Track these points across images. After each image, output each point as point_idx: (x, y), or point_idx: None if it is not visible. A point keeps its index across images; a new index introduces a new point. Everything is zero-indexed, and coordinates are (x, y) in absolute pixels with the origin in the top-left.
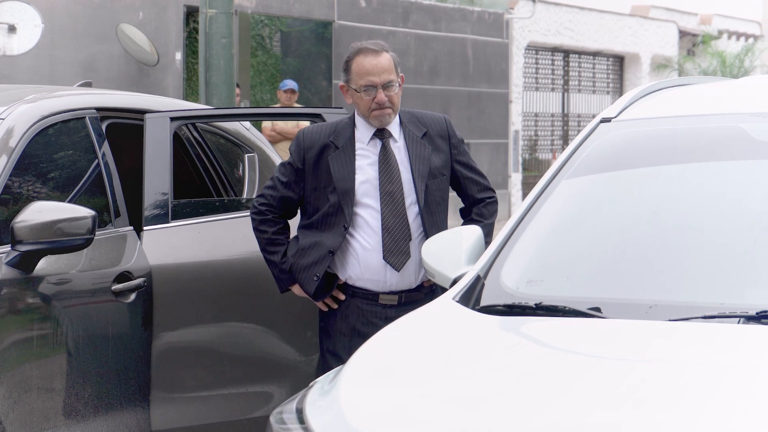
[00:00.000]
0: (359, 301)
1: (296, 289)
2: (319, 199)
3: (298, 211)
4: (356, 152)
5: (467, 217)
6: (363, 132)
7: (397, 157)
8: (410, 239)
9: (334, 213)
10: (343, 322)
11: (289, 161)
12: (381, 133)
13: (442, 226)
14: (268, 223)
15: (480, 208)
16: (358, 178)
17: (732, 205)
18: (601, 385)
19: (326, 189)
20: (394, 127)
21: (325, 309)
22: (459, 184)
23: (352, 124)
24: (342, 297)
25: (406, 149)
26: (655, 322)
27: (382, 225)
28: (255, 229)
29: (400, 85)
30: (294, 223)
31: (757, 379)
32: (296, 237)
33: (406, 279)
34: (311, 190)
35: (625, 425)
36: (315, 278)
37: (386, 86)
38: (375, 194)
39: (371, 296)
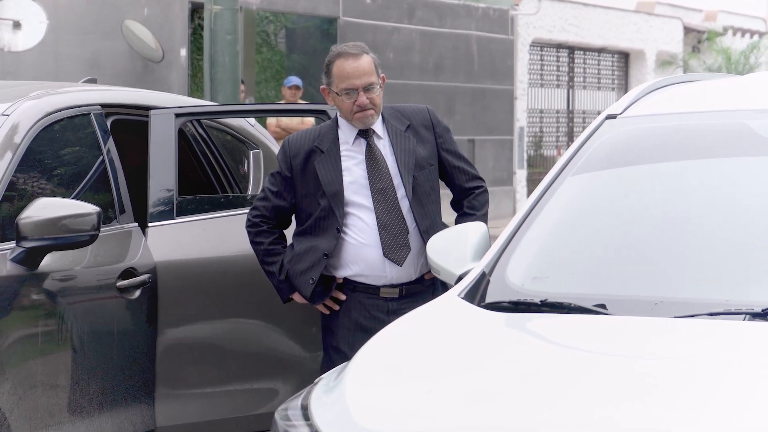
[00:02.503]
0: (361, 295)
1: (297, 297)
2: (311, 205)
3: (293, 219)
4: (342, 154)
5: (459, 211)
6: (347, 133)
7: (383, 153)
8: (407, 232)
9: (325, 216)
10: (346, 317)
11: (277, 170)
12: (365, 132)
13: (434, 216)
14: (264, 234)
15: (471, 201)
16: (346, 179)
17: (737, 201)
18: (607, 382)
19: (316, 194)
20: (378, 125)
21: (326, 312)
22: (447, 174)
23: (336, 126)
24: (342, 297)
25: (391, 144)
26: (660, 319)
27: (378, 223)
28: (251, 242)
29: (381, 85)
30: (289, 232)
31: (762, 376)
32: (291, 245)
33: (405, 272)
34: (302, 197)
35: (632, 422)
36: (311, 282)
37: (367, 89)
38: (365, 193)
39: (372, 290)
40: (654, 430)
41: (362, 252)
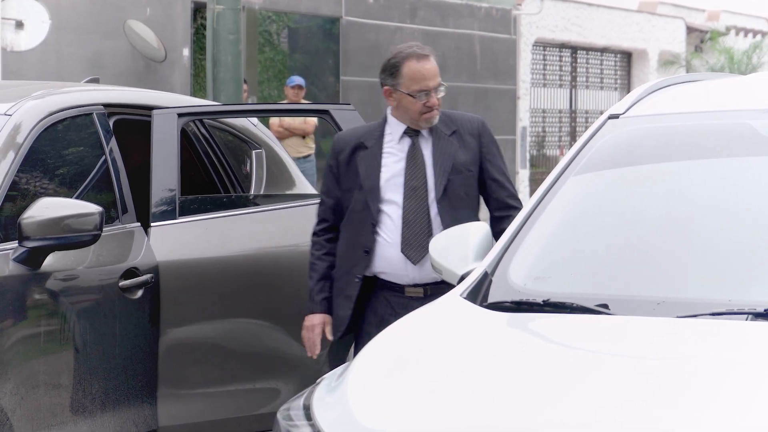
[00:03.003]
0: (387, 292)
1: (317, 319)
2: (350, 200)
3: None
4: (384, 150)
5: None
6: (394, 131)
7: (424, 153)
8: (430, 234)
9: (361, 210)
10: (372, 314)
11: (327, 169)
12: (412, 131)
13: (465, 221)
14: (315, 245)
15: (502, 225)
16: (383, 175)
17: (740, 201)
18: (609, 382)
19: (354, 189)
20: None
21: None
22: (484, 184)
23: (384, 123)
24: (330, 338)
25: (432, 146)
26: (663, 319)
27: (403, 219)
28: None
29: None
30: None
31: (764, 376)
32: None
33: (426, 272)
34: (344, 192)
35: (634, 422)
36: (357, 280)
37: (437, 90)
38: (399, 190)
39: (398, 288)
40: (656, 430)
41: (386, 249)
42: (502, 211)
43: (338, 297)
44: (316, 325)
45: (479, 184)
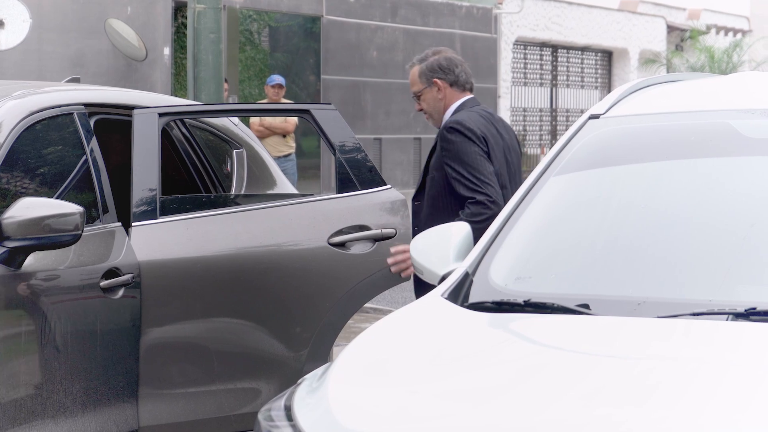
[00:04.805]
0: None
1: None
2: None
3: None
4: None
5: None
6: None
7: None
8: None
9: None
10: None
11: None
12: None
13: (437, 221)
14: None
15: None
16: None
17: (720, 201)
18: (590, 382)
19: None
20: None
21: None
22: (450, 184)
23: None
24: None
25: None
26: (643, 319)
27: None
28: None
29: (436, 90)
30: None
31: (744, 376)
32: None
33: None
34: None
35: (610, 421)
36: None
37: (417, 97)
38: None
39: None
40: (629, 430)
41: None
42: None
43: None
44: None
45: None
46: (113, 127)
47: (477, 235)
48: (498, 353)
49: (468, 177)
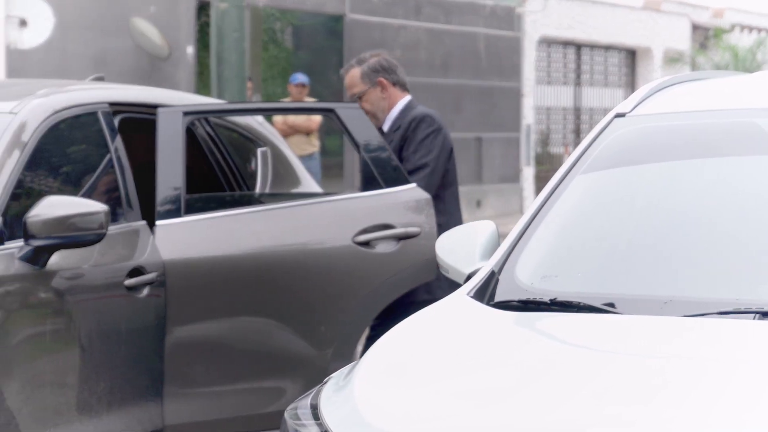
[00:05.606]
0: None
1: None
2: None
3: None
4: None
5: None
6: None
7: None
8: None
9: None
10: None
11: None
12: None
13: None
14: None
15: None
16: None
17: (746, 200)
18: (617, 382)
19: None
20: (386, 124)
21: None
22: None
23: None
24: None
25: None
26: (670, 318)
27: None
28: None
29: (374, 90)
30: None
31: None
32: None
33: None
34: None
35: (639, 421)
36: None
37: (357, 98)
38: None
39: None
40: (662, 429)
41: None
42: None
43: None
44: None
45: None
46: (138, 125)
47: None
48: (524, 352)
49: (440, 169)
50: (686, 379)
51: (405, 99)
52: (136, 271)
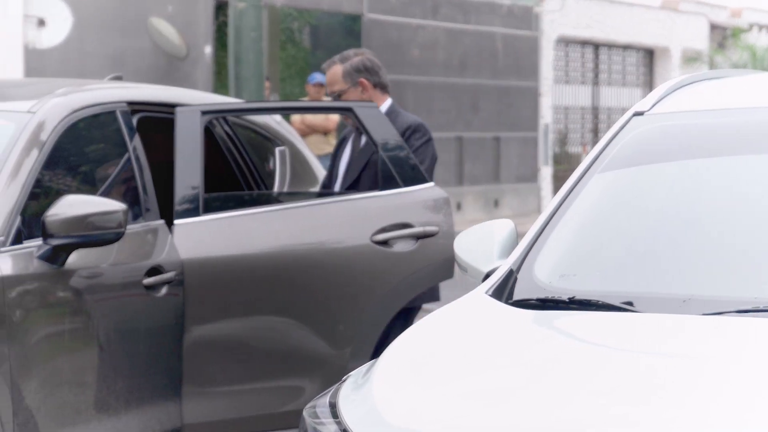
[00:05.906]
0: None
1: None
2: None
3: None
4: None
5: None
6: None
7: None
8: None
9: None
10: None
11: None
12: None
13: None
14: None
15: None
16: None
17: (765, 198)
18: (636, 380)
19: None
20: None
21: None
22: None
23: None
24: None
25: None
26: (688, 317)
27: None
28: None
29: (354, 90)
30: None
31: None
32: None
33: None
34: None
35: (655, 420)
36: None
37: (336, 96)
38: None
39: None
40: (674, 428)
41: None
42: None
43: None
44: None
45: None
46: (156, 125)
47: None
48: (543, 350)
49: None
50: (706, 378)
51: (386, 102)
52: (155, 270)
